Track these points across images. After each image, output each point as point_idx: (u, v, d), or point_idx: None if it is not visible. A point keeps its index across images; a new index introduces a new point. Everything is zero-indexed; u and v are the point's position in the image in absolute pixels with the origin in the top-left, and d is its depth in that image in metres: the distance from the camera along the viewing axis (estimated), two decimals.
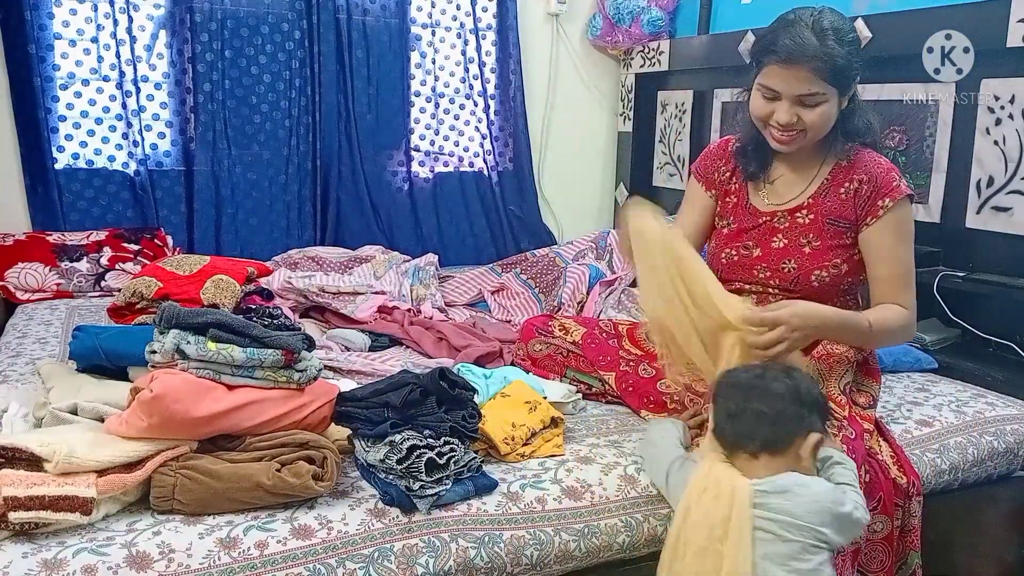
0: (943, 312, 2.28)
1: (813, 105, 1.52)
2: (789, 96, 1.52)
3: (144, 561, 1.15)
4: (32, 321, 2.34)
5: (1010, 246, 2.18)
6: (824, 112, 1.53)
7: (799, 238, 1.64)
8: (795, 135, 1.56)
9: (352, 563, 1.22)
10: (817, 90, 1.51)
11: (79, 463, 1.19)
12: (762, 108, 1.57)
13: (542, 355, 1.90)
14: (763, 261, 1.68)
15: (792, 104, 1.53)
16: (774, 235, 1.67)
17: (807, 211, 1.65)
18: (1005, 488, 1.82)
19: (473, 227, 3.49)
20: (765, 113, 1.57)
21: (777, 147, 1.61)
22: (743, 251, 1.70)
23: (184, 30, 2.90)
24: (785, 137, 1.57)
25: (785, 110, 1.53)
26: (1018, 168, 2.15)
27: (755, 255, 1.68)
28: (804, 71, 1.49)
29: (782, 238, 1.66)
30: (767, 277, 1.67)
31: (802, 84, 1.50)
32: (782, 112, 1.53)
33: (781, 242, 1.66)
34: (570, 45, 3.61)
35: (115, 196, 2.93)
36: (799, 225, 1.65)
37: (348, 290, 2.59)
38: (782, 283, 1.66)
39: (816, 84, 1.50)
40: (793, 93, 1.52)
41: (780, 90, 1.53)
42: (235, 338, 1.33)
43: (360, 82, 3.18)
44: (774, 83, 1.53)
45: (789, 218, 1.66)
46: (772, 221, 1.68)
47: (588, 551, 1.36)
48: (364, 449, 1.36)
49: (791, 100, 1.52)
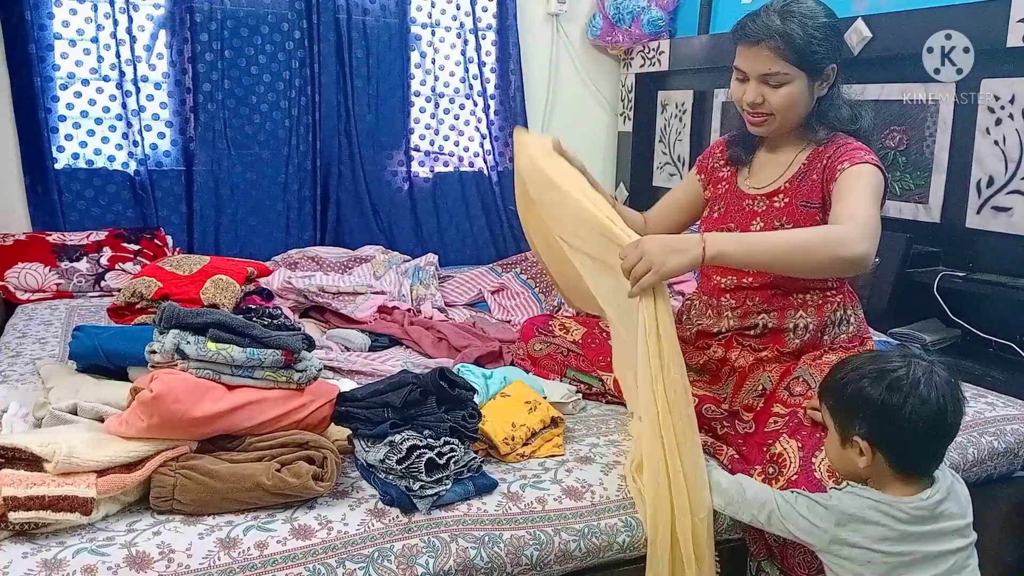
0: (943, 312, 2.28)
1: (777, 85, 1.57)
2: (754, 75, 1.58)
3: (144, 561, 1.15)
4: (32, 321, 2.34)
5: (1010, 246, 2.19)
6: (788, 94, 1.57)
7: (774, 221, 1.67)
8: (765, 118, 1.62)
9: (352, 563, 1.22)
10: (778, 69, 1.55)
11: (79, 463, 1.19)
12: (735, 90, 1.64)
13: (542, 354, 1.90)
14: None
15: (758, 84, 1.58)
16: (753, 219, 1.70)
17: (783, 195, 1.67)
18: (1005, 488, 1.82)
19: (473, 227, 3.49)
20: (738, 95, 1.63)
21: (752, 130, 1.67)
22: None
23: (184, 30, 2.90)
24: (755, 119, 1.63)
25: (751, 89, 1.59)
26: (1018, 168, 2.16)
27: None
28: (764, 50, 1.55)
29: (759, 222, 1.69)
30: None
31: (763, 63, 1.56)
32: (750, 92, 1.60)
33: (758, 226, 1.69)
34: (570, 45, 3.61)
35: (115, 196, 2.93)
36: (775, 209, 1.67)
37: (348, 290, 2.59)
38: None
39: (776, 63, 1.55)
40: (756, 72, 1.58)
41: (746, 70, 1.59)
42: (235, 338, 1.33)
43: (360, 82, 3.18)
44: (741, 63, 1.60)
45: (767, 202, 1.69)
46: (752, 205, 1.71)
47: (588, 551, 1.36)
48: (364, 449, 1.36)
49: (756, 79, 1.58)
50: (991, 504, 1.80)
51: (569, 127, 3.66)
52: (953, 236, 2.32)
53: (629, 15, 3.43)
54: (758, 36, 1.55)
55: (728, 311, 1.72)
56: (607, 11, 3.48)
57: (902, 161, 2.46)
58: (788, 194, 1.66)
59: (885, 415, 1.19)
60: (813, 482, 1.35)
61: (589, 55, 3.66)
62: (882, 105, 2.48)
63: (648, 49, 3.44)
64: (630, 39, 3.47)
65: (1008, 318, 2.19)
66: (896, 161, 2.47)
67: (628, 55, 3.57)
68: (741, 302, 1.70)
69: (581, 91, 3.68)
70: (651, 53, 3.43)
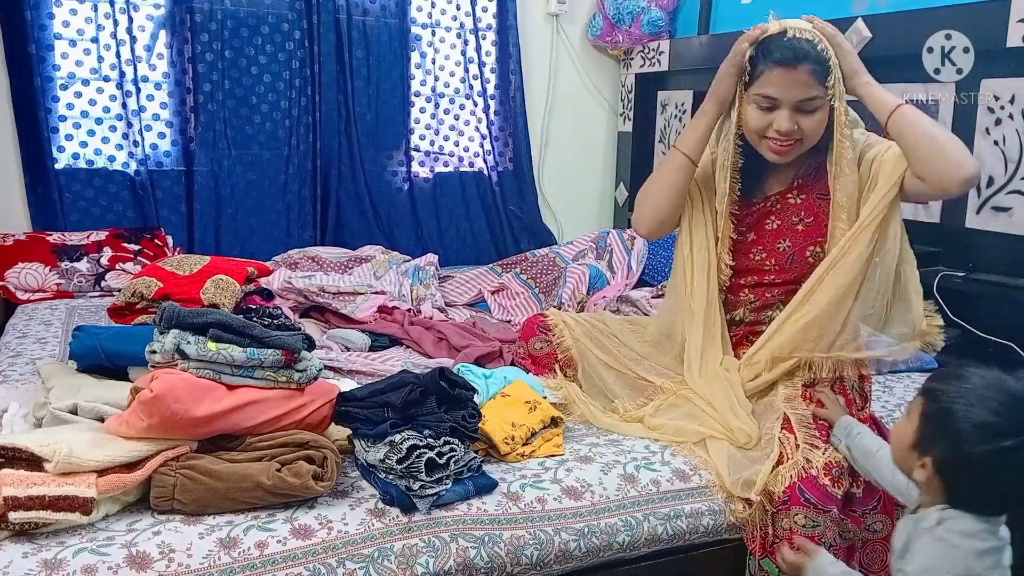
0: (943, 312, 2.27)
1: (811, 111, 1.53)
2: (789, 103, 1.52)
3: (144, 561, 1.15)
4: (32, 321, 2.34)
5: (1010, 246, 2.19)
6: (821, 120, 1.55)
7: (791, 217, 1.67)
8: (792, 144, 1.57)
9: (352, 563, 1.22)
10: (815, 94, 1.52)
11: (79, 463, 1.19)
12: (760, 120, 1.57)
13: (543, 353, 1.90)
14: (758, 244, 1.71)
15: (792, 111, 1.53)
16: (767, 218, 1.70)
17: (798, 192, 1.68)
18: None
19: (473, 227, 3.49)
20: (763, 125, 1.57)
21: (773, 158, 1.61)
22: (737, 238, 1.72)
23: (184, 30, 2.90)
24: (783, 148, 1.57)
25: (786, 118, 1.53)
26: (1018, 168, 2.16)
27: (750, 239, 1.71)
28: (803, 75, 1.50)
29: (775, 219, 1.69)
30: (763, 259, 1.70)
31: (802, 88, 1.51)
32: (783, 120, 1.53)
33: (774, 223, 1.69)
34: (570, 45, 3.61)
35: (115, 196, 2.93)
36: (791, 205, 1.68)
37: (348, 290, 2.59)
38: (777, 262, 1.69)
39: (815, 88, 1.51)
40: (794, 99, 1.52)
41: (779, 96, 1.53)
42: (235, 338, 1.33)
43: (360, 82, 3.18)
44: (773, 90, 1.53)
45: (780, 200, 1.69)
46: (765, 205, 1.71)
47: (588, 551, 1.36)
48: (364, 449, 1.36)
49: (790, 107, 1.53)
50: None
51: (569, 127, 3.67)
52: (953, 236, 2.32)
53: (629, 15, 3.43)
54: (797, 58, 1.49)
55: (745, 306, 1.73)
56: (607, 11, 3.48)
57: None
58: (804, 190, 1.67)
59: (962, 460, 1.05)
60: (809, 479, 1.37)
61: (589, 55, 3.66)
62: None
63: (648, 49, 3.44)
64: (630, 39, 3.47)
65: (1008, 318, 2.19)
66: None
67: (628, 55, 3.57)
68: (760, 295, 1.71)
69: (581, 91, 3.68)
70: (651, 53, 3.43)
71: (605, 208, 3.82)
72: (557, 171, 3.68)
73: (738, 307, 1.75)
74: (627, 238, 2.96)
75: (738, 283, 1.74)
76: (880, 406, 1.83)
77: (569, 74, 3.64)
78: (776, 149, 1.58)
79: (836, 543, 1.40)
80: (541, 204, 3.62)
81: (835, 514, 1.40)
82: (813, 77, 1.50)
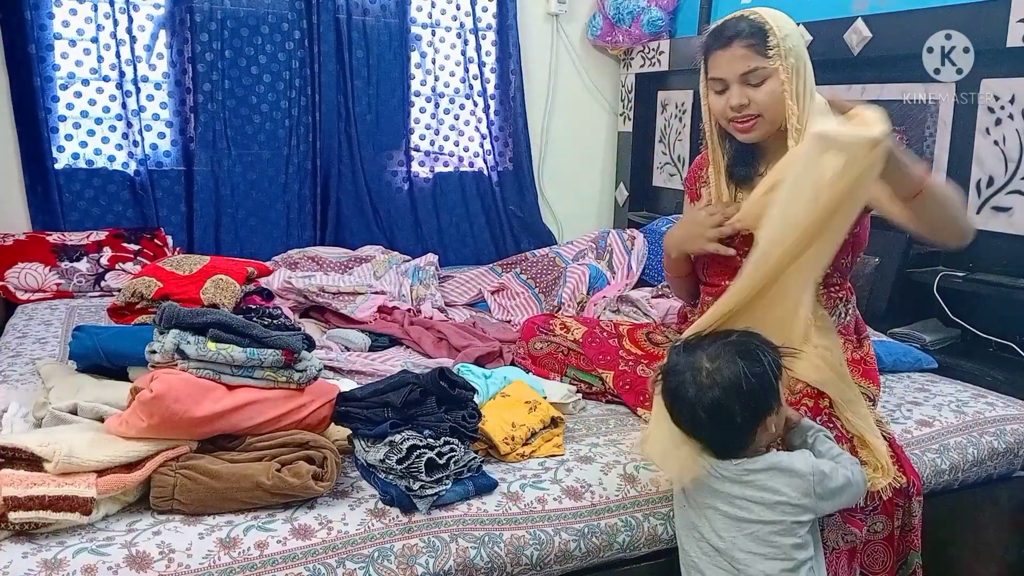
0: (943, 312, 2.28)
1: (758, 83, 1.54)
2: (733, 77, 1.55)
3: (144, 561, 1.15)
4: (32, 321, 2.34)
5: (1010, 246, 2.19)
6: (772, 89, 1.54)
7: None
8: (753, 121, 1.57)
9: (352, 563, 1.22)
10: (756, 65, 1.52)
11: (79, 463, 1.19)
12: (716, 104, 1.60)
13: (543, 353, 1.90)
14: (747, 244, 1.67)
15: (740, 86, 1.55)
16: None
17: None
18: (1005, 488, 1.82)
19: (473, 227, 3.49)
20: (720, 107, 1.59)
21: (743, 138, 1.61)
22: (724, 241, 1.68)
23: (184, 30, 2.90)
24: (744, 124, 1.58)
25: (736, 94, 1.55)
26: (1018, 168, 2.16)
27: (735, 242, 1.67)
28: (739, 48, 1.52)
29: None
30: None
31: (741, 62, 1.53)
32: (734, 96, 1.56)
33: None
34: (570, 45, 3.61)
35: (115, 196, 2.93)
36: None
37: (348, 290, 2.59)
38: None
39: (755, 59, 1.52)
40: (736, 72, 1.54)
41: (723, 75, 1.56)
42: (235, 338, 1.33)
43: (360, 82, 3.18)
44: (717, 71, 1.56)
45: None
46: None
47: (588, 551, 1.36)
48: (364, 449, 1.36)
49: (737, 82, 1.55)
50: (991, 504, 1.80)
51: (569, 127, 3.67)
52: None
53: (629, 15, 3.43)
54: (729, 37, 1.53)
55: None
56: (607, 11, 3.48)
57: None
58: None
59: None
60: None
61: (589, 55, 3.66)
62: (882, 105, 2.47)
63: (648, 49, 3.44)
64: (630, 39, 3.47)
65: (1008, 318, 2.19)
66: None
67: (628, 55, 3.57)
68: None
69: (581, 91, 3.68)
70: (651, 53, 3.43)
71: (605, 208, 3.82)
72: (557, 171, 3.68)
73: None
74: (627, 238, 2.95)
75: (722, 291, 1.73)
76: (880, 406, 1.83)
77: (569, 74, 3.64)
78: (740, 128, 1.59)
79: (839, 546, 1.40)
80: (541, 204, 3.62)
81: (836, 519, 1.40)
82: (752, 50, 1.52)
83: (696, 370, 1.26)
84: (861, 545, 1.48)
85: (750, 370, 1.25)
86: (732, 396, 1.24)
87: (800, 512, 1.26)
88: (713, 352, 1.27)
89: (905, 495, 1.51)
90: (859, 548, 1.48)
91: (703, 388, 1.25)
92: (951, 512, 1.72)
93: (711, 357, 1.26)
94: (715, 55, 1.57)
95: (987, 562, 1.83)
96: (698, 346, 1.30)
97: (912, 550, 1.53)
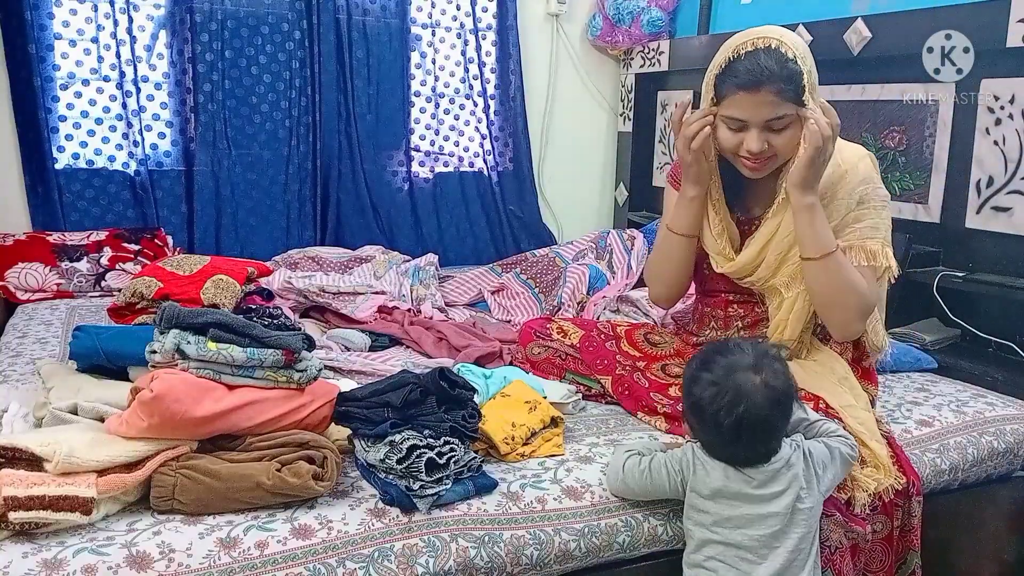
0: (943, 312, 2.28)
1: (781, 129, 1.50)
2: (757, 123, 1.49)
3: (144, 561, 1.15)
4: (32, 321, 2.34)
5: (1010, 246, 2.19)
6: (793, 135, 1.51)
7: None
8: (767, 161, 1.55)
9: (352, 563, 1.22)
10: (784, 112, 1.48)
11: (79, 463, 1.19)
12: (730, 140, 1.54)
13: (540, 358, 1.89)
14: (728, 282, 1.69)
15: (761, 131, 1.50)
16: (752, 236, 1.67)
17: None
18: (1005, 488, 1.82)
19: (473, 227, 3.49)
20: (732, 144, 1.54)
21: (749, 175, 1.59)
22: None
23: (184, 30, 2.91)
24: (757, 165, 1.55)
25: (755, 138, 1.50)
26: (1018, 168, 2.16)
27: (720, 281, 1.71)
28: (768, 95, 1.46)
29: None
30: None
31: (768, 108, 1.47)
32: (752, 140, 1.50)
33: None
34: (570, 45, 3.61)
35: (115, 196, 2.93)
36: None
37: (348, 290, 2.59)
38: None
39: (782, 106, 1.47)
40: (761, 118, 1.49)
41: (747, 118, 1.50)
42: (235, 338, 1.33)
43: (360, 82, 3.18)
44: (739, 112, 1.50)
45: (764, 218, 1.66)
46: (750, 228, 1.68)
47: (588, 551, 1.36)
48: (364, 449, 1.36)
49: (759, 127, 1.50)
50: (991, 504, 1.80)
51: (569, 127, 3.67)
52: (953, 236, 2.32)
53: (629, 15, 3.43)
54: (759, 80, 1.45)
55: (738, 320, 1.73)
56: (607, 11, 3.48)
57: (902, 161, 2.46)
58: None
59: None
60: None
61: (589, 55, 3.66)
62: (882, 105, 2.49)
63: (648, 49, 3.44)
64: (630, 39, 3.47)
65: (1008, 318, 2.19)
66: (896, 161, 2.47)
67: (628, 55, 3.57)
68: (750, 310, 1.70)
69: (581, 91, 3.68)
70: (651, 53, 3.43)
71: (605, 208, 3.82)
72: (557, 171, 3.68)
73: (729, 330, 1.74)
74: (627, 238, 2.96)
75: (725, 300, 1.74)
76: (880, 406, 1.83)
77: (569, 74, 3.65)
78: (751, 167, 1.56)
79: (842, 544, 1.40)
80: (541, 204, 3.62)
81: (838, 518, 1.40)
82: (780, 96, 1.46)
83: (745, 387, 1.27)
84: (865, 544, 1.47)
85: (787, 374, 1.31)
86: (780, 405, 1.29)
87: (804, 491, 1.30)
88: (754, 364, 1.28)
89: (905, 495, 1.51)
90: (862, 547, 1.48)
91: (757, 405, 1.26)
92: (951, 512, 1.72)
93: (755, 370, 1.28)
94: (738, 95, 1.49)
95: (987, 562, 1.83)
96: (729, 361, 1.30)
97: (911, 550, 1.53)
